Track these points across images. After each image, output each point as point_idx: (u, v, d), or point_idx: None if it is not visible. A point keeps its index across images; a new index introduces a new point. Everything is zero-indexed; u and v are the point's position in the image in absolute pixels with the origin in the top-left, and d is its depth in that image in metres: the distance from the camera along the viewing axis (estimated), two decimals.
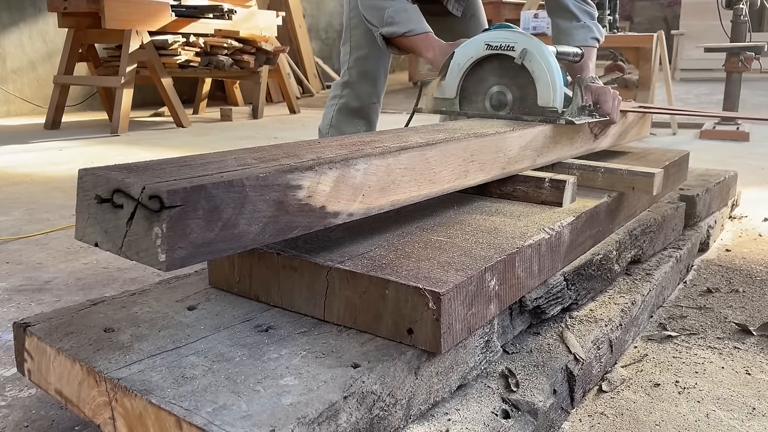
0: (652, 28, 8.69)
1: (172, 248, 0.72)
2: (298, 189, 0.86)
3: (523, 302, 1.12)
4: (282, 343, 0.90)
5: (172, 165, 0.85)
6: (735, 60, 4.09)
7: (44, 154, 3.80)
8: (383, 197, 1.02)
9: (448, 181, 1.17)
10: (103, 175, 0.77)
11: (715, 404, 1.12)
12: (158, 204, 0.71)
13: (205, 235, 0.75)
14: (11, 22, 5.68)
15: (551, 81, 1.48)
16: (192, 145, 4.14)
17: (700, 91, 6.20)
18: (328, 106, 2.18)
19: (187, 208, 0.73)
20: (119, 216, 0.75)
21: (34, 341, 0.93)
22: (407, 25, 1.83)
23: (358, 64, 2.08)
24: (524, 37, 1.52)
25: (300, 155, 0.96)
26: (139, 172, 0.79)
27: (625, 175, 1.47)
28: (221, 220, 0.77)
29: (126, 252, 0.75)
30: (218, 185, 0.76)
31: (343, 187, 0.93)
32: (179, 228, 0.72)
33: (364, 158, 0.97)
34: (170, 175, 0.78)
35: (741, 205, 2.43)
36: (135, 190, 0.73)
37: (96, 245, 0.78)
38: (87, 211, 0.78)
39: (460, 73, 1.59)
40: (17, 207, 2.57)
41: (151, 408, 0.75)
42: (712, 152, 3.59)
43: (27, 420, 1.09)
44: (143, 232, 0.72)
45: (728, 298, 1.58)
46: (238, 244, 0.80)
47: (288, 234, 0.86)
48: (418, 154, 1.08)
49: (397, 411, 0.86)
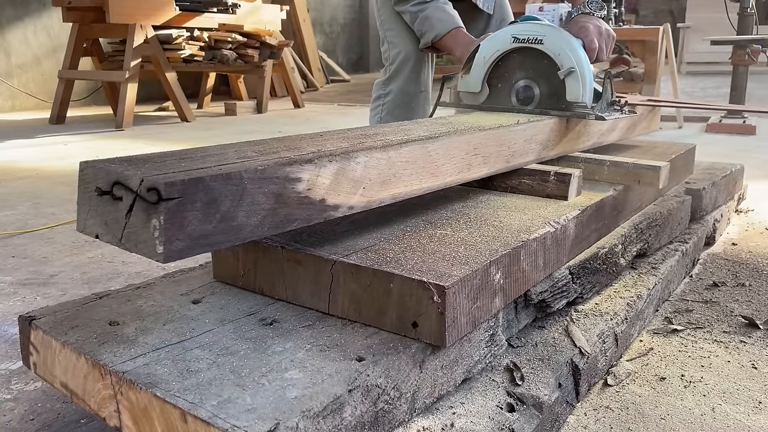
0: (658, 20, 8.64)
1: (169, 240, 0.72)
2: (298, 182, 0.86)
3: (528, 296, 1.12)
4: (287, 337, 0.90)
5: (173, 157, 0.85)
6: (741, 53, 4.07)
7: (49, 149, 3.81)
8: (384, 190, 1.01)
9: (451, 175, 1.16)
10: (103, 168, 0.77)
11: (721, 398, 1.12)
12: (156, 196, 0.71)
13: (203, 227, 0.75)
14: (16, 17, 5.68)
15: (580, 75, 1.46)
16: (196, 140, 4.14)
17: (707, 85, 6.17)
18: (374, 108, 2.15)
19: (184, 200, 0.73)
20: (119, 208, 0.75)
21: (39, 335, 0.93)
22: (432, 31, 1.82)
23: (397, 61, 2.06)
24: (553, 30, 1.49)
25: (301, 148, 0.95)
26: (139, 165, 0.79)
27: (630, 168, 1.46)
28: (219, 212, 0.77)
29: (125, 243, 0.75)
30: (216, 178, 0.76)
31: (344, 180, 0.93)
32: (177, 220, 0.72)
33: (364, 151, 0.96)
34: (170, 168, 0.78)
35: (747, 198, 2.41)
36: (134, 182, 0.73)
37: (96, 237, 0.78)
38: (88, 203, 0.79)
39: (485, 67, 1.55)
40: (23, 201, 2.58)
41: (156, 401, 0.75)
42: (718, 145, 3.57)
43: (33, 413, 1.10)
44: (142, 224, 0.73)
45: (734, 292, 1.57)
46: (236, 236, 0.80)
47: (287, 227, 0.86)
48: (420, 147, 1.07)
49: (401, 404, 0.86)
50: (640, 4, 9.63)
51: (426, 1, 1.88)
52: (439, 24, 1.83)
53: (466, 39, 1.80)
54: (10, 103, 5.69)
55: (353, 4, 9.90)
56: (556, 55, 1.47)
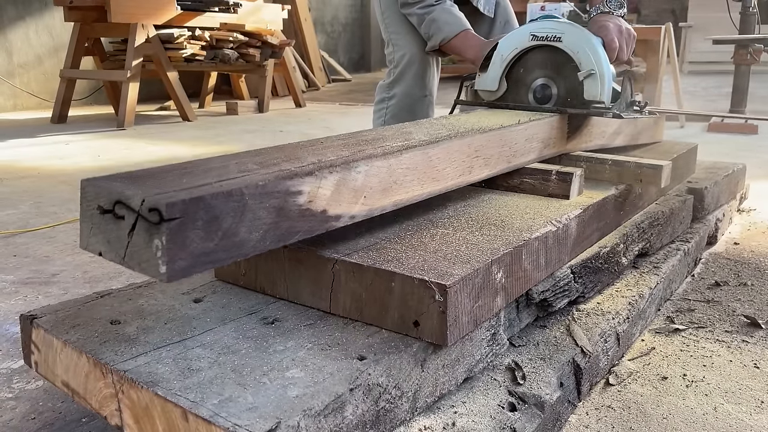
0: (660, 20, 8.62)
1: (172, 260, 0.72)
2: (299, 195, 0.86)
3: (530, 295, 1.12)
4: (288, 336, 0.90)
5: (174, 173, 0.85)
6: (743, 52, 4.06)
7: (51, 148, 3.81)
8: (385, 198, 1.01)
9: (452, 178, 1.16)
10: (104, 186, 0.77)
11: (723, 397, 1.11)
12: (157, 217, 0.71)
13: (206, 245, 0.75)
14: (18, 16, 5.69)
15: (599, 74, 1.44)
16: (198, 139, 4.14)
17: (708, 84, 6.16)
18: (377, 110, 2.13)
19: (186, 220, 0.72)
20: (121, 227, 0.75)
21: (40, 333, 0.93)
22: (440, 34, 1.80)
23: (402, 63, 2.04)
24: (572, 28, 1.47)
25: (302, 158, 0.95)
26: (140, 182, 0.79)
27: (632, 167, 1.46)
28: (221, 229, 0.77)
29: (129, 262, 0.75)
30: (217, 196, 0.76)
31: (344, 190, 0.93)
32: (179, 239, 0.72)
33: (365, 160, 0.96)
34: (171, 185, 0.78)
35: (749, 198, 2.41)
36: (135, 202, 0.73)
37: (100, 254, 0.78)
38: (90, 220, 0.79)
39: (503, 65, 1.53)
40: (24, 200, 2.58)
41: (157, 400, 0.75)
42: (720, 145, 3.57)
43: (34, 412, 1.10)
44: (144, 243, 0.73)
45: (736, 292, 1.57)
46: (238, 253, 0.79)
47: (289, 239, 0.86)
48: (421, 152, 1.07)
49: (403, 403, 0.86)
50: (642, 4, 9.62)
51: (433, 4, 1.87)
52: (446, 27, 1.82)
53: (476, 41, 1.78)
54: (11, 102, 5.69)
55: (354, 4, 9.90)
56: (575, 53, 1.45)
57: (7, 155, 3.60)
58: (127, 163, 3.19)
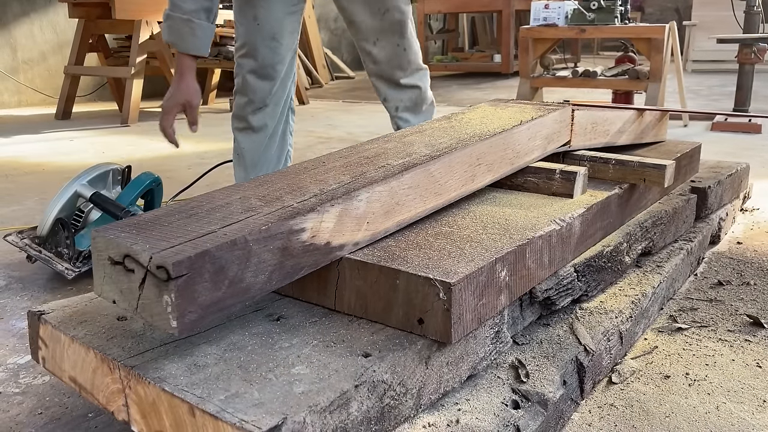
0: (664, 18, 8.61)
1: (182, 314, 0.74)
2: (302, 232, 0.87)
3: (534, 293, 1.12)
4: (293, 332, 0.90)
5: (179, 215, 0.87)
6: (747, 51, 4.05)
7: (55, 144, 3.82)
8: (388, 220, 1.02)
9: (455, 189, 1.17)
10: (113, 239, 0.78)
11: (725, 396, 1.12)
12: (165, 274, 0.73)
13: (213, 295, 0.77)
14: (22, 12, 5.70)
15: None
16: (201, 136, 4.14)
17: (712, 83, 6.15)
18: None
19: (193, 275, 0.74)
20: (132, 279, 0.77)
21: (48, 329, 0.94)
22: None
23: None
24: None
25: (304, 188, 0.96)
26: (147, 233, 0.81)
27: (636, 166, 1.46)
28: (227, 278, 0.78)
29: (141, 314, 0.77)
30: (222, 247, 0.77)
31: (347, 219, 0.94)
32: (188, 294, 0.74)
33: (366, 187, 0.97)
34: (176, 234, 0.80)
35: (753, 197, 2.41)
36: (143, 258, 0.75)
37: (114, 303, 0.80)
38: (103, 270, 0.81)
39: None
40: (30, 196, 2.59)
41: (164, 395, 0.76)
42: (723, 144, 3.56)
43: (41, 407, 1.11)
44: (155, 297, 0.74)
45: (739, 291, 1.57)
46: (245, 297, 0.81)
47: (294, 276, 0.88)
48: (422, 170, 1.07)
49: (407, 400, 0.86)
50: (646, 2, 9.60)
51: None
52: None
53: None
54: (16, 98, 5.70)
55: None
56: None
57: (11, 151, 3.61)
58: (131, 160, 3.19)
